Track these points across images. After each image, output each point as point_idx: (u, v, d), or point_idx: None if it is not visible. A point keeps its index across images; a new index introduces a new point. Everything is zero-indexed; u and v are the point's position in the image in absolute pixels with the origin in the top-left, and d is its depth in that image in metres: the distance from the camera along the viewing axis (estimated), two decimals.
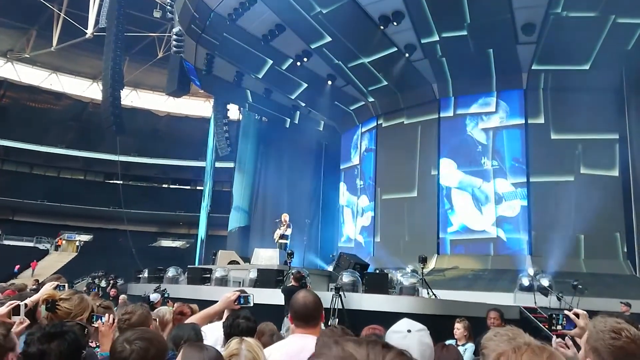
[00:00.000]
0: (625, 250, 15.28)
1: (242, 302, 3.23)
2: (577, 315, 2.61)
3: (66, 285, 3.33)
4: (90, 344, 2.87)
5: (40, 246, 38.79)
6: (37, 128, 41.60)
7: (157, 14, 30.19)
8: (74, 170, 46.06)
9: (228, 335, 2.98)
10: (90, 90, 45.19)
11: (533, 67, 16.62)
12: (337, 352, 0.81)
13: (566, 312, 2.67)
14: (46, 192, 40.23)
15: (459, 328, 5.70)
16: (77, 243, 40.63)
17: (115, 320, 3.07)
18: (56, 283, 3.30)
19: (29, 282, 14.91)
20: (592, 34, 14.80)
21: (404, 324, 2.08)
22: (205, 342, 3.05)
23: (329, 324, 8.44)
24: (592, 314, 2.70)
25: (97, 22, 30.00)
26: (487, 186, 17.47)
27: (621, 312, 9.80)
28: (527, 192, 16.67)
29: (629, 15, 14.29)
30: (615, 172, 15.91)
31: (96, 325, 2.94)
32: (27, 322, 2.82)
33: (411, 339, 2.01)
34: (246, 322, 3.10)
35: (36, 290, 3.29)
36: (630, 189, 15.32)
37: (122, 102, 24.94)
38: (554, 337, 2.58)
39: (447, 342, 3.74)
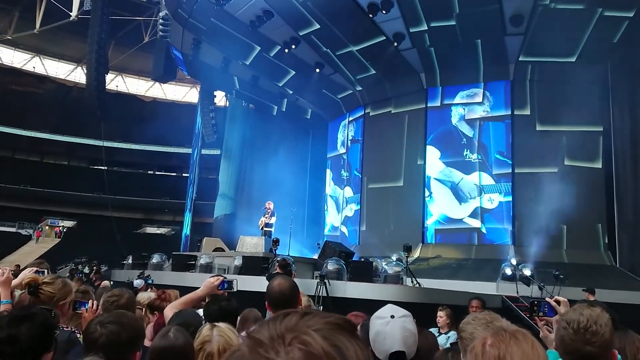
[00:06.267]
0: (606, 241, 15.51)
1: (225, 287, 3.19)
2: (558, 302, 2.66)
3: (46, 270, 3.28)
4: (65, 328, 2.83)
5: (23, 232, 38.28)
6: (20, 112, 40.81)
7: None
8: (57, 155, 45.41)
9: (206, 317, 2.97)
10: (75, 74, 44.45)
11: (520, 59, 16.66)
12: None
13: (547, 299, 2.71)
14: (29, 177, 39.65)
15: (441, 316, 5.80)
16: (60, 229, 40.18)
17: (98, 306, 3.05)
18: (36, 268, 3.26)
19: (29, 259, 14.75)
20: (579, 27, 14.87)
21: (387, 309, 2.07)
22: None
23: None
24: (572, 303, 2.75)
25: (81, 4, 29.44)
26: (468, 179, 17.57)
27: (588, 299, 9.80)
28: (511, 183, 16.80)
29: (615, 9, 14.37)
30: (599, 164, 16.09)
31: (80, 312, 2.92)
32: None
33: (393, 325, 2.00)
34: (226, 302, 3.08)
35: (15, 275, 3.24)
36: (613, 181, 15.53)
37: (107, 87, 24.58)
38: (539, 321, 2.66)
39: (431, 329, 3.79)
